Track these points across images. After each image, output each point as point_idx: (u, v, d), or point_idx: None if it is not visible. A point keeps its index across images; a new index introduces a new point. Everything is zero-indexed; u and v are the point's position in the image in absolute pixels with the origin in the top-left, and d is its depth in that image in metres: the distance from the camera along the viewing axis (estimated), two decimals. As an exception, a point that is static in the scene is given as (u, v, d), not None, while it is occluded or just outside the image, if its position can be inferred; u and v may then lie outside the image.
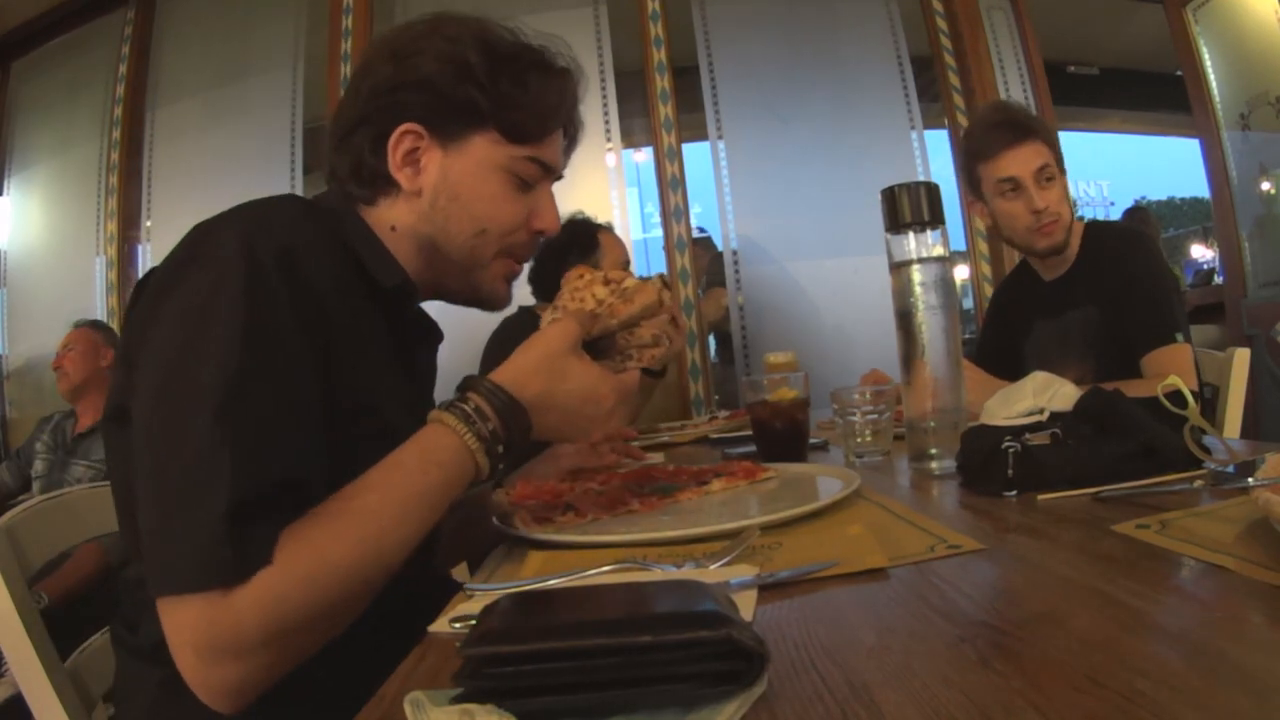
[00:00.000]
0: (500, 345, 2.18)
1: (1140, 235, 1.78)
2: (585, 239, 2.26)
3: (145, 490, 0.63)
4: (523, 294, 2.55)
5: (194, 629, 0.58)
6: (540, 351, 0.77)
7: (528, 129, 0.86)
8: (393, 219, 0.86)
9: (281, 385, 0.65)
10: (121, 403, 0.70)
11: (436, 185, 0.84)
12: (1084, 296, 1.66)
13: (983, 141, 1.70)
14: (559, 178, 0.94)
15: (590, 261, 2.23)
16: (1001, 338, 1.88)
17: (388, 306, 0.84)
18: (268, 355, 0.65)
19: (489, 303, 0.93)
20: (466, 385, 0.74)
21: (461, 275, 0.89)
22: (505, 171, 0.86)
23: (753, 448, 1.27)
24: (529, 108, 0.86)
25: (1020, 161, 1.64)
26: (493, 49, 0.84)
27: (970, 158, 1.73)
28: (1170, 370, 1.46)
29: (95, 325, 2.71)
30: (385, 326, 0.83)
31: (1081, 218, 1.79)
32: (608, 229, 2.32)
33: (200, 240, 0.70)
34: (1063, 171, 1.68)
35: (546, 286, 2.25)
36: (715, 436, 1.73)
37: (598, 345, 0.85)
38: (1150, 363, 1.53)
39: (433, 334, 0.94)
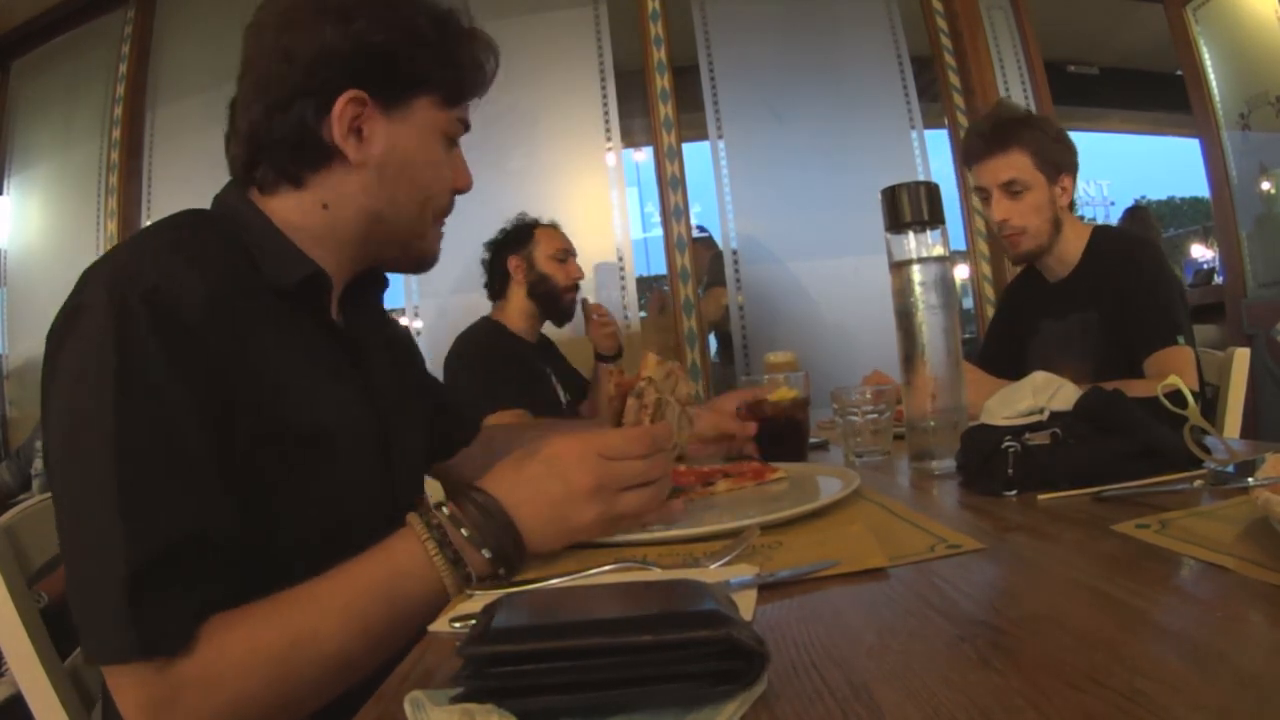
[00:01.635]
0: (462, 358, 2.20)
1: (1145, 241, 1.80)
2: (520, 233, 2.31)
3: (65, 562, 0.63)
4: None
5: (134, 699, 0.59)
6: (509, 455, 0.73)
7: (465, 89, 0.86)
8: (324, 196, 0.81)
9: (164, 443, 0.63)
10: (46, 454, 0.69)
11: (384, 155, 0.81)
12: (1087, 300, 1.66)
13: (966, 149, 1.77)
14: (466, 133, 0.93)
15: (524, 254, 2.26)
16: (1006, 338, 1.89)
17: (305, 302, 0.79)
18: (142, 416, 0.62)
19: (427, 264, 0.92)
20: (448, 494, 0.72)
21: (404, 243, 0.88)
22: (441, 134, 0.85)
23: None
24: (467, 68, 0.85)
25: (989, 173, 1.69)
26: (433, 9, 0.82)
27: (961, 161, 1.78)
28: (1172, 372, 1.46)
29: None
30: (305, 329, 0.79)
31: (1082, 217, 1.79)
32: (548, 224, 2.36)
33: (77, 293, 0.67)
34: (1056, 177, 1.68)
35: (497, 283, 2.31)
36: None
37: None
38: (1152, 365, 1.53)
39: (375, 310, 0.95)
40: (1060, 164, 1.69)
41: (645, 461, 0.71)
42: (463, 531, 0.65)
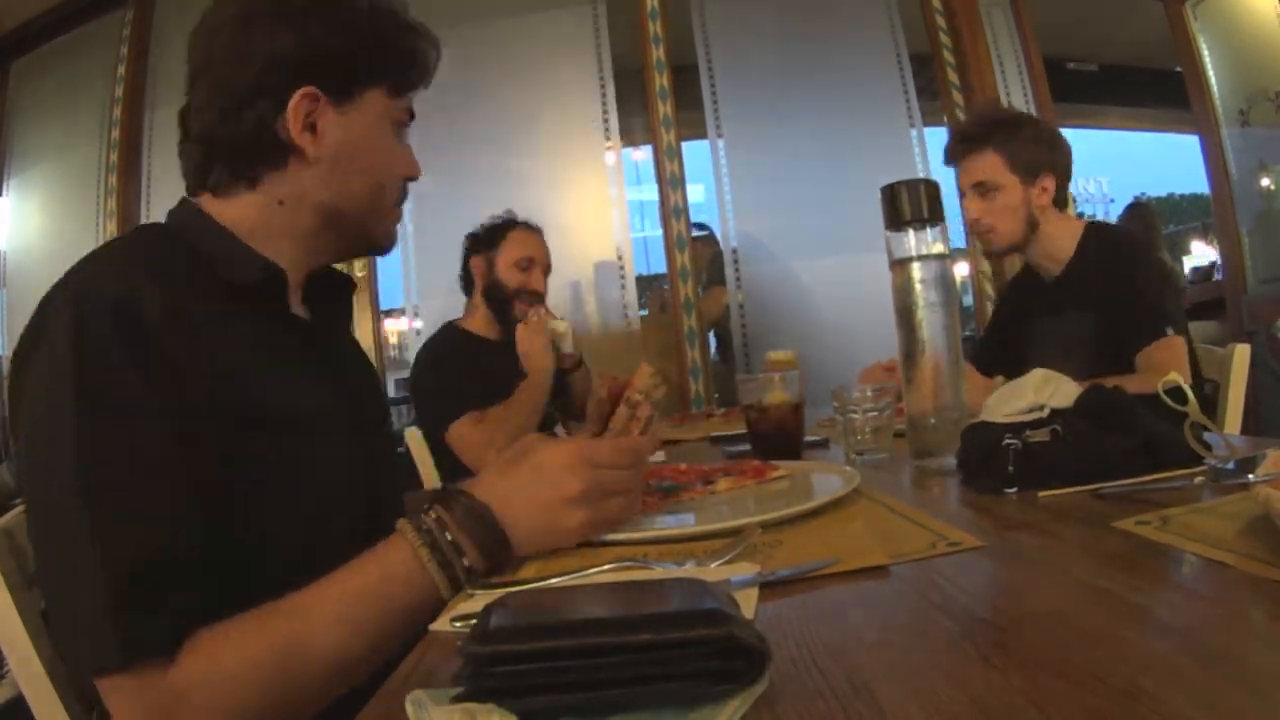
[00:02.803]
0: (431, 363, 2.19)
1: (1131, 236, 1.81)
2: (492, 234, 2.27)
3: (43, 582, 0.65)
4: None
5: (129, 713, 0.60)
6: (497, 460, 0.75)
7: (411, 79, 0.89)
8: (279, 193, 0.83)
9: (133, 456, 0.63)
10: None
11: (338, 147, 0.83)
12: (1081, 297, 1.67)
13: (944, 149, 1.82)
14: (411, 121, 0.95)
15: (487, 257, 2.24)
16: (1003, 336, 1.90)
17: (263, 303, 0.81)
18: (109, 430, 0.63)
19: (385, 248, 0.95)
20: (435, 497, 0.71)
21: (359, 232, 0.90)
22: (390, 122, 0.88)
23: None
24: (411, 58, 0.88)
25: (963, 174, 1.75)
26: (377, 9, 0.85)
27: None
28: (1162, 364, 1.46)
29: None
30: (267, 324, 0.81)
31: (1081, 215, 1.79)
32: (526, 227, 2.30)
33: (39, 314, 0.69)
34: (1034, 178, 1.68)
35: (466, 282, 2.29)
36: (715, 435, 1.73)
37: None
38: (1143, 358, 1.53)
39: (339, 303, 0.96)
40: (1038, 164, 1.69)
41: (631, 471, 0.74)
42: (447, 536, 0.66)
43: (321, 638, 0.63)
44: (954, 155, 1.77)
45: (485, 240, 2.26)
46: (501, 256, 2.24)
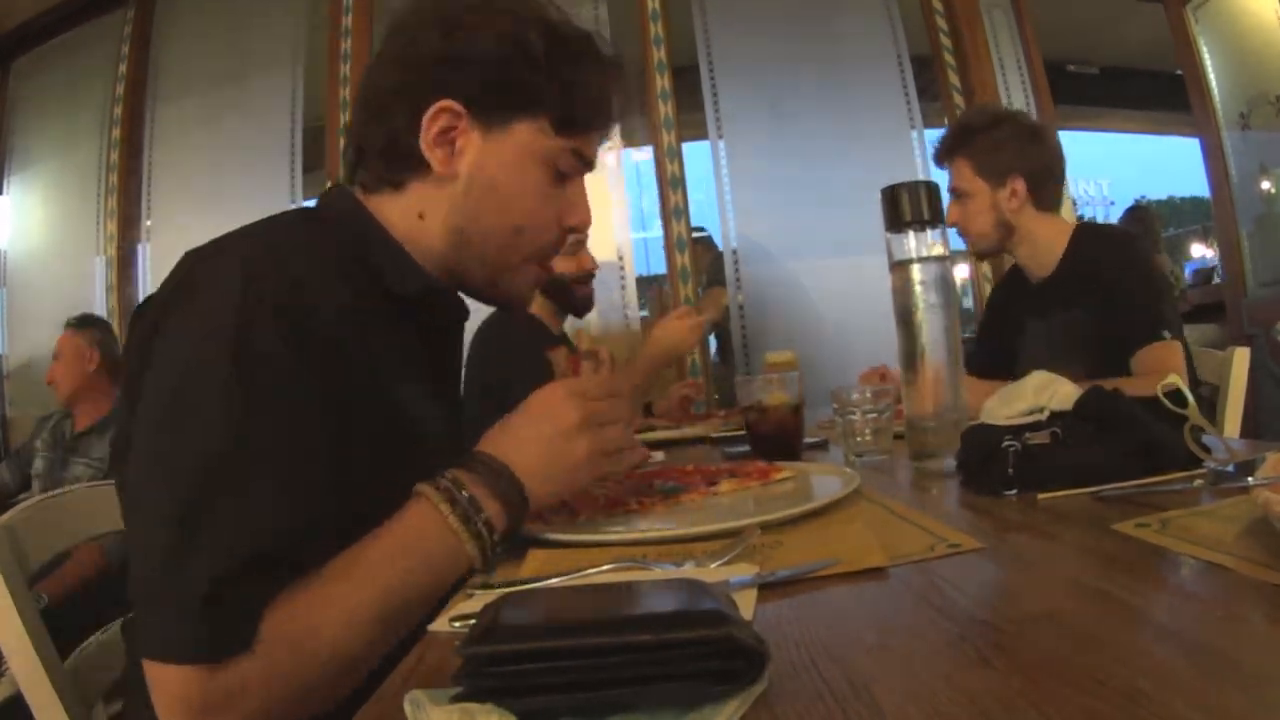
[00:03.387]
0: (485, 344, 2.12)
1: (1125, 236, 1.81)
2: None
3: (133, 547, 0.61)
4: None
5: (183, 698, 0.56)
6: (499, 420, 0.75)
7: (578, 120, 0.81)
8: (420, 205, 0.80)
9: (272, 448, 0.61)
10: (122, 446, 0.67)
11: (473, 172, 0.78)
12: (1071, 298, 1.66)
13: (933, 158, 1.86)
14: (591, 168, 0.87)
15: None
16: (995, 339, 1.90)
17: (417, 313, 0.80)
18: (257, 419, 0.61)
19: (513, 304, 0.88)
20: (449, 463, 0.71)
21: (488, 274, 0.83)
22: (546, 163, 0.80)
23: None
24: (583, 97, 0.80)
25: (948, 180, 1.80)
26: (554, 30, 0.79)
27: None
28: (1159, 367, 1.46)
29: (80, 325, 2.65)
30: (416, 336, 0.80)
31: (1081, 217, 1.79)
32: None
33: (196, 273, 0.66)
34: (1002, 181, 1.69)
35: None
36: (715, 436, 1.73)
37: None
38: (1139, 361, 1.53)
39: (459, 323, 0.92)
40: (1007, 168, 1.69)
41: (620, 400, 0.77)
42: (464, 492, 0.66)
43: (370, 608, 0.61)
44: (936, 163, 1.83)
45: None
46: None
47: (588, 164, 0.85)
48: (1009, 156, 1.70)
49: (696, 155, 3.26)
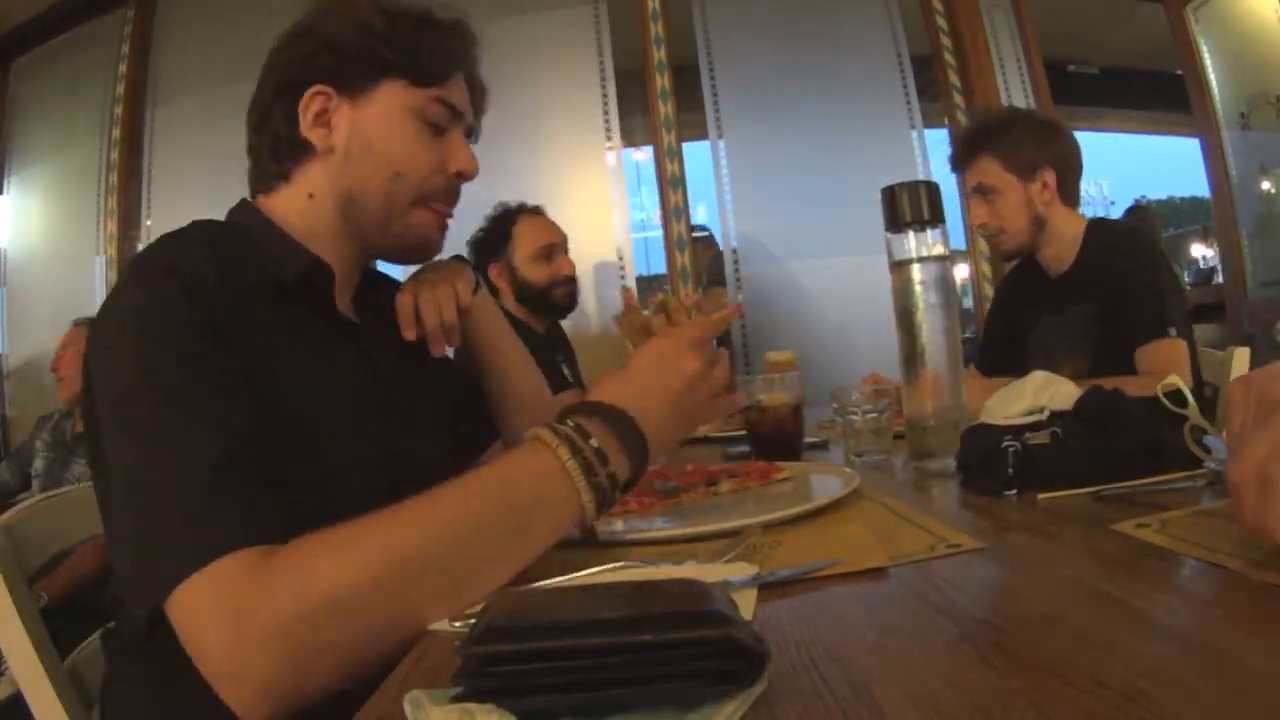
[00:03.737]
0: None
1: (1135, 232, 1.81)
2: (495, 236, 2.16)
3: (125, 503, 0.62)
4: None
5: (222, 599, 0.54)
6: (603, 375, 0.75)
7: (431, 70, 0.89)
8: (309, 186, 0.88)
9: (197, 375, 0.66)
10: (89, 426, 0.71)
11: (349, 137, 0.86)
12: (1084, 293, 1.67)
13: (950, 159, 1.84)
14: (471, 128, 0.96)
15: (503, 262, 2.14)
16: (1006, 332, 1.89)
17: (307, 295, 0.83)
18: (175, 343, 0.67)
19: (418, 250, 0.94)
20: (568, 410, 0.69)
21: (383, 226, 0.89)
22: (415, 115, 0.88)
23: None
24: (429, 51, 0.89)
25: (965, 180, 1.78)
26: (389, 6, 0.88)
27: None
28: (1162, 365, 1.46)
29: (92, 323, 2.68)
30: (309, 316, 0.83)
31: (1085, 215, 1.79)
32: (529, 213, 2.20)
33: (110, 293, 0.75)
34: (1033, 175, 1.69)
35: (491, 288, 2.23)
36: (715, 436, 1.73)
37: None
38: (1143, 357, 1.53)
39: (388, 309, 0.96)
40: (1037, 160, 1.69)
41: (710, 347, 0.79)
42: (592, 443, 0.65)
43: (470, 543, 0.60)
44: (954, 165, 1.80)
45: (492, 244, 2.14)
46: (517, 254, 2.12)
47: (457, 112, 0.92)
48: (1036, 148, 1.69)
49: (696, 155, 3.26)
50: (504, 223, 2.19)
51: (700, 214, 3.52)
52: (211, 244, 0.77)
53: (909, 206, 0.99)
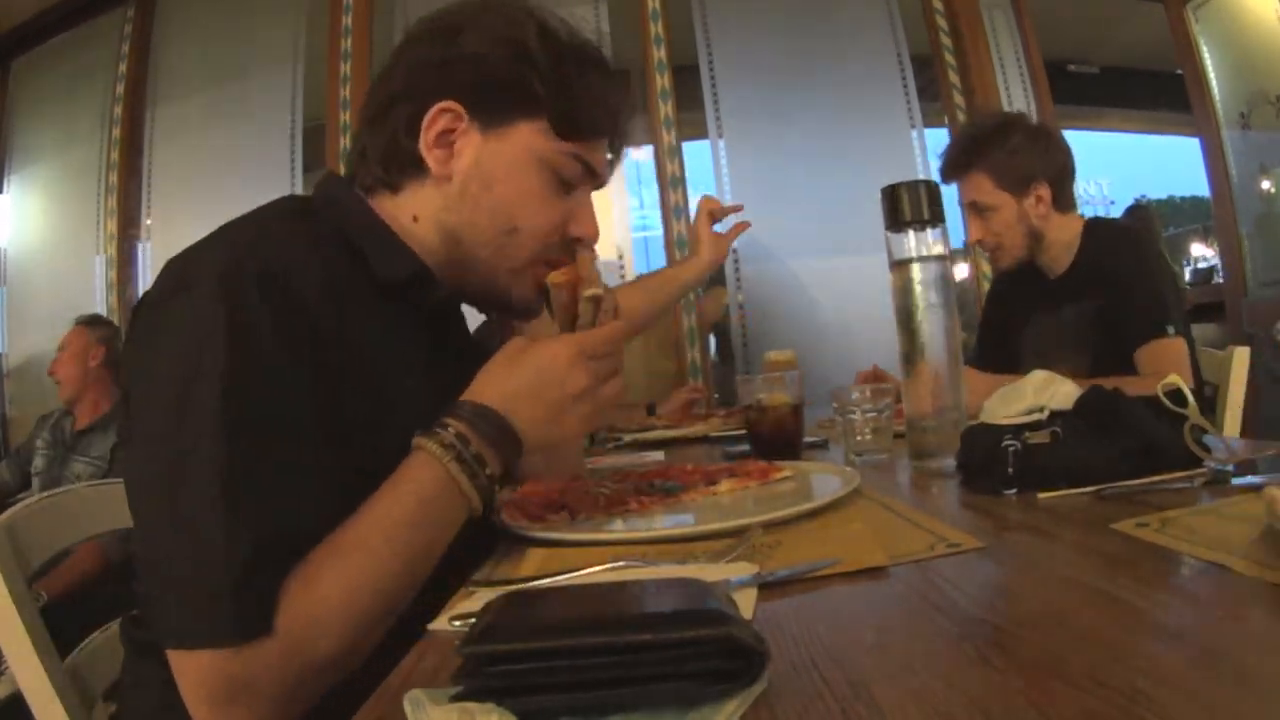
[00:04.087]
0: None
1: (1133, 231, 1.80)
2: None
3: (145, 540, 0.62)
4: None
5: (209, 682, 0.57)
6: (491, 362, 0.75)
7: (580, 123, 0.80)
8: (415, 207, 0.81)
9: (272, 431, 0.62)
10: (125, 437, 0.68)
11: (469, 170, 0.78)
12: (1082, 292, 1.66)
13: (939, 172, 1.78)
14: (600, 186, 0.87)
15: None
16: (1001, 332, 1.89)
17: (407, 302, 0.79)
18: (256, 401, 0.62)
19: (516, 310, 0.87)
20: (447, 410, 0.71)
21: (487, 276, 0.83)
22: (547, 167, 0.80)
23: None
24: (584, 100, 0.80)
25: (960, 193, 1.73)
26: (553, 35, 0.80)
27: None
28: (1161, 364, 1.46)
29: (90, 322, 2.68)
30: (407, 325, 0.79)
31: (1082, 215, 1.78)
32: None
33: (182, 269, 0.67)
34: (1026, 190, 1.66)
35: None
36: (715, 436, 1.73)
37: None
38: (1142, 357, 1.53)
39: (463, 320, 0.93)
40: (1030, 174, 1.66)
41: (616, 355, 0.77)
42: (471, 449, 0.68)
43: (387, 567, 0.63)
44: (944, 179, 1.75)
45: None
46: None
47: (594, 174, 0.84)
48: (1028, 163, 1.66)
49: (696, 155, 3.26)
50: None
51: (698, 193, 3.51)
52: (312, 244, 0.72)
53: (909, 206, 0.99)
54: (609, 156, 0.87)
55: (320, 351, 0.67)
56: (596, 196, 0.88)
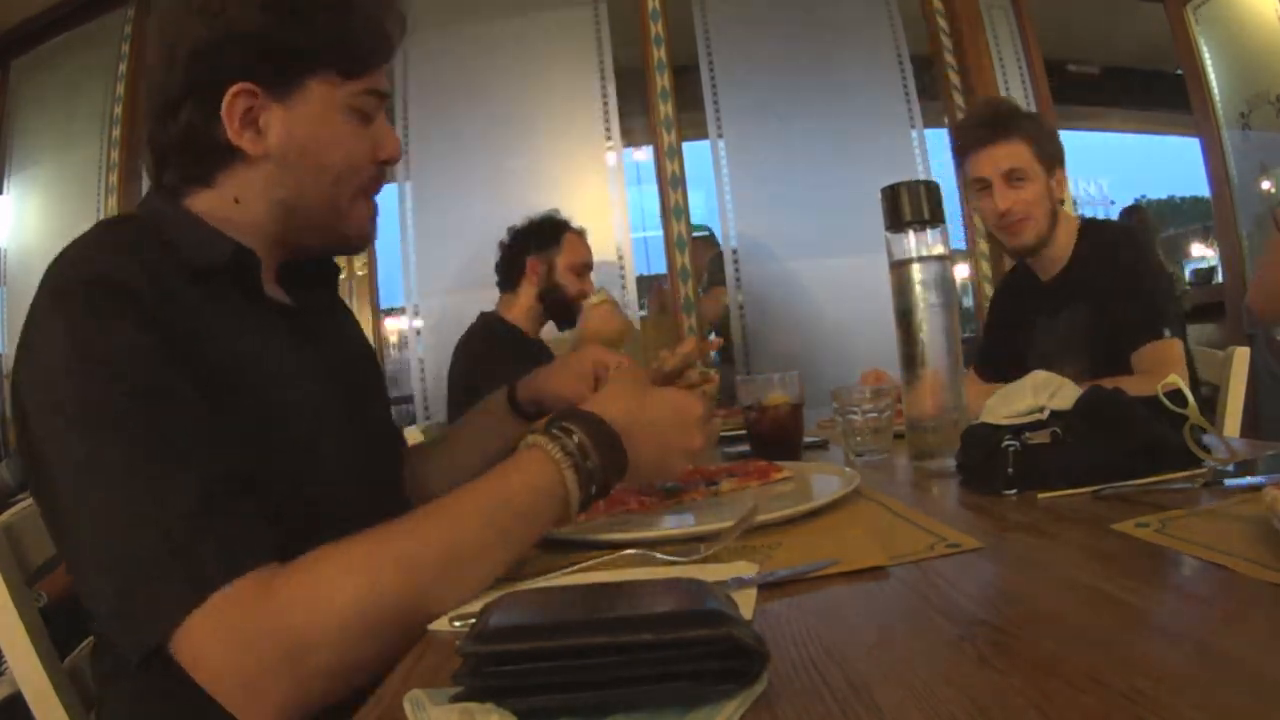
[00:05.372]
0: (468, 355, 2.18)
1: (1130, 232, 1.80)
2: (548, 233, 2.25)
3: (92, 552, 0.60)
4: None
5: (220, 638, 0.55)
6: (620, 383, 0.79)
7: (362, 59, 0.81)
8: (235, 191, 0.80)
9: (161, 402, 0.62)
10: (31, 462, 0.65)
11: (284, 143, 0.79)
12: (1078, 295, 1.66)
13: (963, 139, 1.73)
14: (389, 99, 0.88)
15: (546, 258, 2.23)
16: (1002, 339, 1.89)
17: (234, 283, 0.78)
18: (134, 383, 0.62)
19: (357, 245, 0.89)
20: (563, 417, 0.72)
21: (324, 228, 0.85)
22: (346, 110, 0.81)
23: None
24: (358, 39, 0.81)
25: (991, 162, 1.67)
26: None
27: (955, 153, 1.77)
28: (1157, 366, 1.46)
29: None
30: (244, 307, 0.78)
31: (1080, 217, 1.79)
32: (577, 231, 2.30)
33: (28, 314, 0.68)
34: (1052, 170, 1.67)
35: (511, 276, 2.26)
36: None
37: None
38: (1139, 359, 1.53)
39: (326, 284, 0.95)
40: (1055, 157, 1.68)
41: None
42: (588, 463, 0.69)
43: (472, 542, 0.63)
44: (977, 142, 1.68)
45: (542, 238, 2.24)
46: (562, 259, 2.23)
47: (383, 96, 0.85)
48: (1056, 145, 1.68)
49: (696, 155, 3.26)
50: (558, 227, 2.28)
51: (699, 209, 3.52)
52: (132, 246, 0.71)
53: (909, 206, 0.99)
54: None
55: (166, 338, 0.65)
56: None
